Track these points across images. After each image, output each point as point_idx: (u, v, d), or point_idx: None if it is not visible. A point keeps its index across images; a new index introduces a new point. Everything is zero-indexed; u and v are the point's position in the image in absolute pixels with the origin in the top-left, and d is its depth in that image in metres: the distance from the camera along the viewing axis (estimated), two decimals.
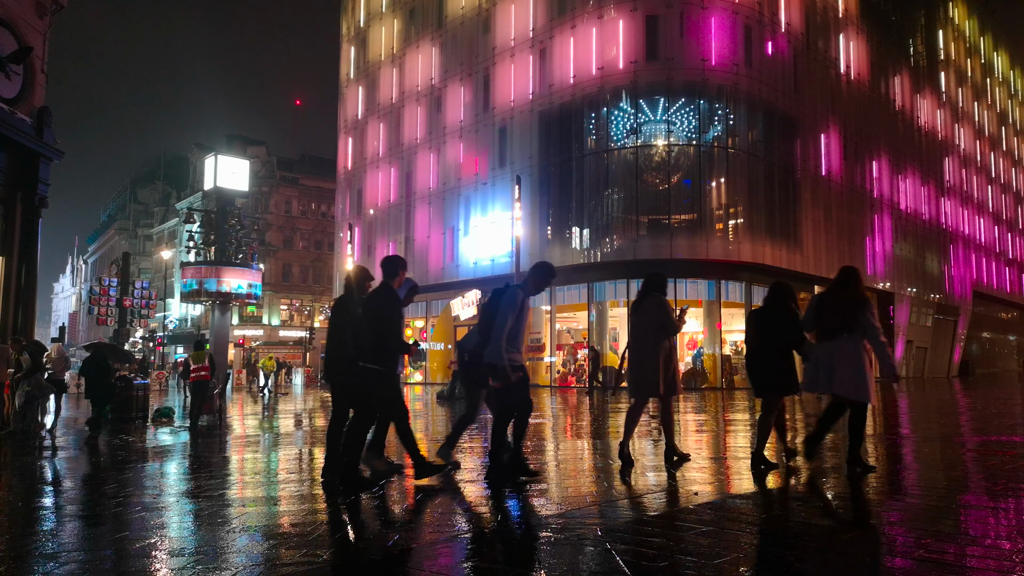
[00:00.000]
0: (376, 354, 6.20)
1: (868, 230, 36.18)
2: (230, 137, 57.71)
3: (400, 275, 6.55)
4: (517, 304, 6.11)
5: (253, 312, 55.60)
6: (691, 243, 27.21)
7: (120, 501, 6.02)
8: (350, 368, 6.26)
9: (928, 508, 5.29)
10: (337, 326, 6.48)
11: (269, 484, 6.87)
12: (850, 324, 6.17)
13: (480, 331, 6.41)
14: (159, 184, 77.61)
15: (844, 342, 6.18)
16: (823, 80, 33.39)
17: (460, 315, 33.67)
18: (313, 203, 60.59)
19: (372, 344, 6.18)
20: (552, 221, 30.49)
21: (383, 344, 6.21)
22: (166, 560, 4.03)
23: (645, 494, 5.78)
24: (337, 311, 6.61)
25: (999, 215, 55.30)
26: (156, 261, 67.28)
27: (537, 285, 6.35)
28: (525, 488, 5.89)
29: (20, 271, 16.37)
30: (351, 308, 6.41)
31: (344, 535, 4.65)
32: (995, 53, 57.43)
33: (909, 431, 10.47)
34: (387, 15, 41.44)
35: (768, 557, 3.95)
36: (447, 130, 36.17)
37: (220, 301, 18.70)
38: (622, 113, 28.63)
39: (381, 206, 40.25)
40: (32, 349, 12.26)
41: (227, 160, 25.00)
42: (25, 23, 16.46)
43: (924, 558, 3.84)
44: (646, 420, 13.53)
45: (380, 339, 6.20)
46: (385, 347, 6.22)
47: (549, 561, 3.82)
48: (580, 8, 30.32)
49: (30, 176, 16.49)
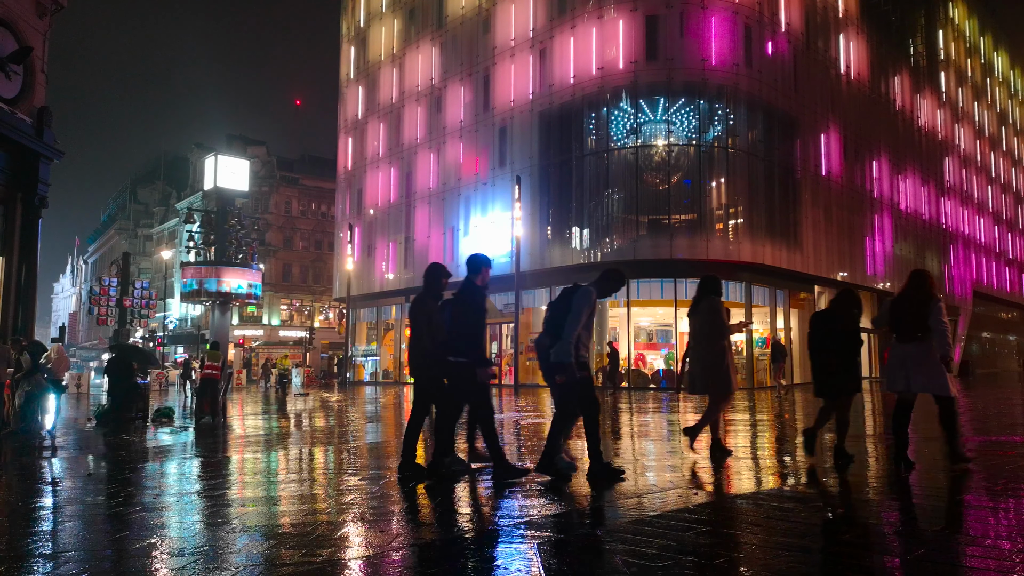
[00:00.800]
0: (462, 348, 6.35)
1: (868, 230, 36.18)
2: (230, 137, 57.71)
3: (483, 272, 6.70)
4: (590, 302, 6.18)
5: (253, 312, 55.60)
6: (691, 243, 27.20)
7: (120, 501, 6.02)
8: (429, 363, 6.43)
9: (928, 508, 5.29)
10: (415, 323, 6.62)
11: (270, 484, 6.87)
12: (923, 325, 6.45)
13: (548, 330, 6.48)
14: (159, 184, 77.61)
15: (918, 342, 6.47)
16: (823, 80, 33.39)
17: None
18: (313, 203, 60.58)
19: (459, 339, 6.36)
20: (552, 221, 30.49)
21: (469, 339, 6.37)
22: (166, 560, 4.03)
23: (645, 494, 5.78)
24: (415, 308, 6.69)
25: (999, 215, 55.31)
26: (156, 261, 67.29)
27: (605, 290, 6.44)
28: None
29: (20, 271, 16.37)
30: (428, 305, 6.56)
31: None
32: (995, 53, 57.44)
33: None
34: (387, 15, 41.45)
35: (768, 557, 3.95)
36: (447, 130, 36.17)
37: (220, 301, 18.70)
38: (622, 113, 28.63)
39: (381, 206, 40.25)
40: (32, 349, 12.26)
41: (227, 160, 25.00)
42: (25, 23, 16.46)
43: (924, 558, 3.84)
44: (646, 420, 13.53)
45: (466, 334, 6.37)
46: (471, 342, 6.38)
47: (548, 561, 3.82)
48: (580, 8, 30.32)
49: (30, 176, 16.48)
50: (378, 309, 40.59)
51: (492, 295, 32.34)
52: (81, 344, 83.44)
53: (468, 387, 6.48)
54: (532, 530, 4.51)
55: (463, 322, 6.45)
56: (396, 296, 38.67)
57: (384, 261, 39.78)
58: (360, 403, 20.35)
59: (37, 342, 13.22)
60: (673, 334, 28.17)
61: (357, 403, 20.46)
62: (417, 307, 6.65)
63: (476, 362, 6.37)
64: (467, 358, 6.35)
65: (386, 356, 40.12)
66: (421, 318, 6.56)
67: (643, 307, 28.77)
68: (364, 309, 41.52)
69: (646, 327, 30.40)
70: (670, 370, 27.35)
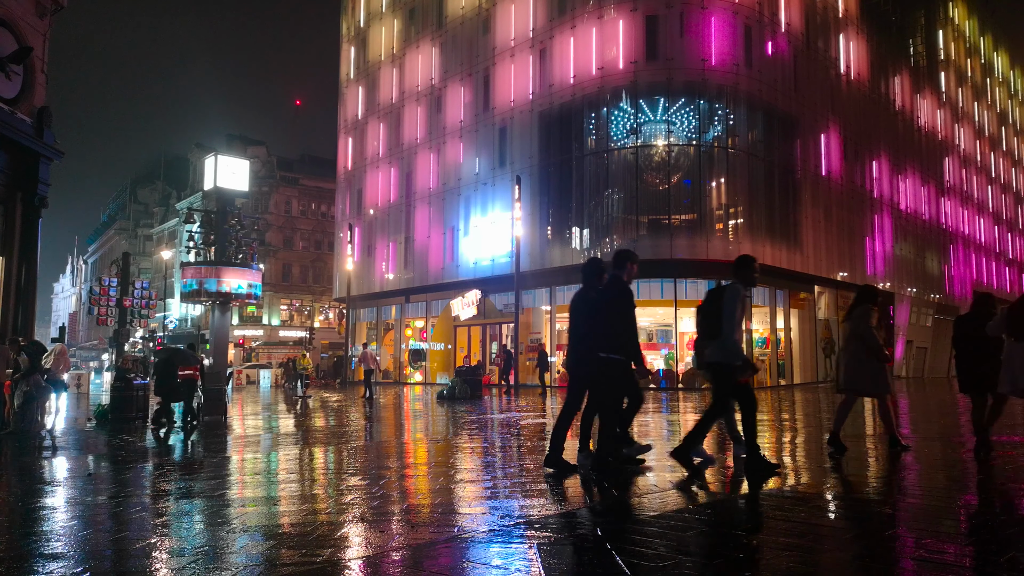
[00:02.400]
0: (614, 344, 6.47)
1: (868, 230, 36.18)
2: (230, 137, 57.69)
3: (628, 267, 6.81)
4: (740, 298, 6.36)
5: (253, 312, 55.60)
6: (691, 243, 27.19)
7: (120, 501, 6.02)
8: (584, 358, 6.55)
9: (928, 508, 5.29)
10: (576, 318, 6.72)
11: (270, 484, 6.87)
12: None
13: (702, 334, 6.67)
14: (159, 184, 77.61)
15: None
16: (823, 80, 33.39)
17: (460, 315, 33.67)
18: (313, 203, 60.59)
19: (610, 335, 6.48)
20: (552, 221, 30.48)
21: (620, 335, 6.49)
22: (166, 560, 4.03)
23: (645, 494, 5.78)
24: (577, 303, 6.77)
25: (999, 215, 55.29)
26: (156, 261, 67.29)
27: (748, 279, 6.62)
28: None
29: (20, 271, 16.37)
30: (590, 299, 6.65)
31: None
32: (995, 53, 57.43)
33: (909, 431, 10.46)
34: (387, 15, 41.45)
35: (768, 557, 3.95)
36: (447, 130, 36.17)
37: (220, 301, 18.64)
38: (622, 113, 28.63)
39: (381, 206, 40.25)
40: (32, 349, 12.27)
41: (227, 160, 24.93)
42: (25, 23, 16.45)
43: (924, 558, 3.84)
44: (646, 420, 13.53)
45: (618, 331, 6.50)
46: (622, 338, 6.49)
47: (548, 561, 3.82)
48: (580, 8, 30.32)
49: (30, 176, 16.48)
50: (378, 309, 40.58)
51: (492, 295, 32.39)
52: (81, 344, 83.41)
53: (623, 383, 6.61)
54: (532, 530, 4.51)
55: (614, 319, 6.54)
56: (396, 296, 38.67)
57: (384, 261, 39.78)
58: (385, 406, 20.34)
59: (37, 342, 13.22)
60: (673, 334, 28.16)
61: (375, 406, 20.45)
62: (579, 302, 6.73)
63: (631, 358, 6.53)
64: (621, 355, 6.49)
65: (386, 356, 40.11)
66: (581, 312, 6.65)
67: (643, 307, 28.52)
68: (364, 309, 41.52)
69: (646, 327, 30.38)
70: (670, 370, 27.35)
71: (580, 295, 6.77)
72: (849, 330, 7.81)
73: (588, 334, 6.54)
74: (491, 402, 19.83)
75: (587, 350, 6.54)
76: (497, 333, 33.25)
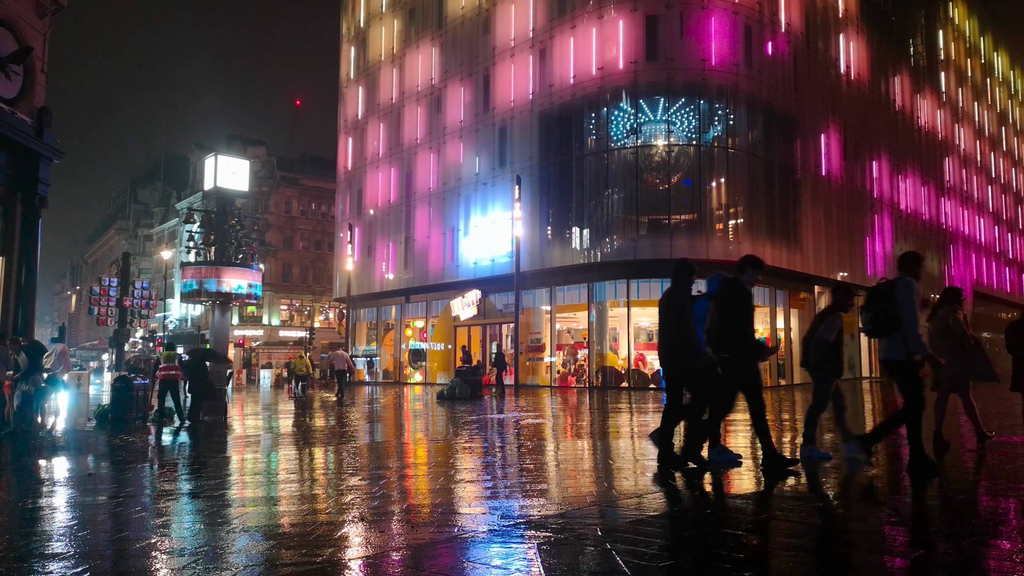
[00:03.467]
0: (729, 344, 6.59)
1: (868, 230, 36.17)
2: (230, 137, 57.66)
3: (748, 273, 6.89)
4: (915, 291, 6.54)
5: (253, 312, 55.57)
6: (691, 243, 27.17)
7: (120, 501, 6.02)
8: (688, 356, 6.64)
9: (928, 508, 5.29)
10: (669, 317, 6.79)
11: (270, 484, 6.87)
12: None
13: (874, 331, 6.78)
14: (159, 184, 77.59)
15: None
16: (823, 80, 33.38)
17: (460, 315, 33.66)
18: (313, 203, 60.58)
19: (725, 334, 6.61)
20: (552, 221, 30.47)
21: (737, 334, 6.60)
22: (166, 560, 4.03)
23: (645, 494, 5.78)
24: (669, 303, 6.83)
25: (999, 215, 55.29)
26: (156, 261, 67.27)
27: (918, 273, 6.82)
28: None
29: (20, 271, 16.36)
30: (683, 299, 6.75)
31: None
32: (995, 53, 57.43)
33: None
34: (387, 15, 41.44)
35: (767, 557, 3.95)
36: (447, 130, 36.17)
37: (220, 301, 18.65)
38: (622, 113, 28.62)
39: (381, 206, 40.25)
40: (32, 349, 12.26)
41: (227, 160, 24.93)
42: (25, 23, 16.45)
43: (924, 558, 3.84)
44: (646, 420, 13.54)
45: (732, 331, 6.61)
46: (739, 337, 6.60)
47: (548, 561, 3.82)
48: (580, 8, 30.31)
49: (30, 176, 16.47)
50: (378, 309, 40.58)
51: (492, 295, 32.39)
52: (81, 344, 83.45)
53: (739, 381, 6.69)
54: (532, 530, 4.51)
55: (728, 319, 6.64)
56: (396, 296, 38.67)
57: (384, 261, 39.77)
58: (385, 406, 20.34)
59: (37, 342, 13.22)
60: None
61: (386, 407, 20.45)
62: (670, 301, 6.81)
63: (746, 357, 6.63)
64: (733, 354, 6.58)
65: (386, 356, 40.12)
66: (673, 311, 6.74)
67: (643, 307, 28.74)
68: (364, 309, 41.51)
69: (646, 327, 30.38)
70: None
71: (667, 295, 6.90)
72: (938, 329, 8.05)
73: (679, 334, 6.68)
74: (491, 402, 19.83)
75: (681, 349, 6.67)
76: (497, 333, 33.25)
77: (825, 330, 7.32)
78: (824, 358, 7.30)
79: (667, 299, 6.86)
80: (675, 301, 6.77)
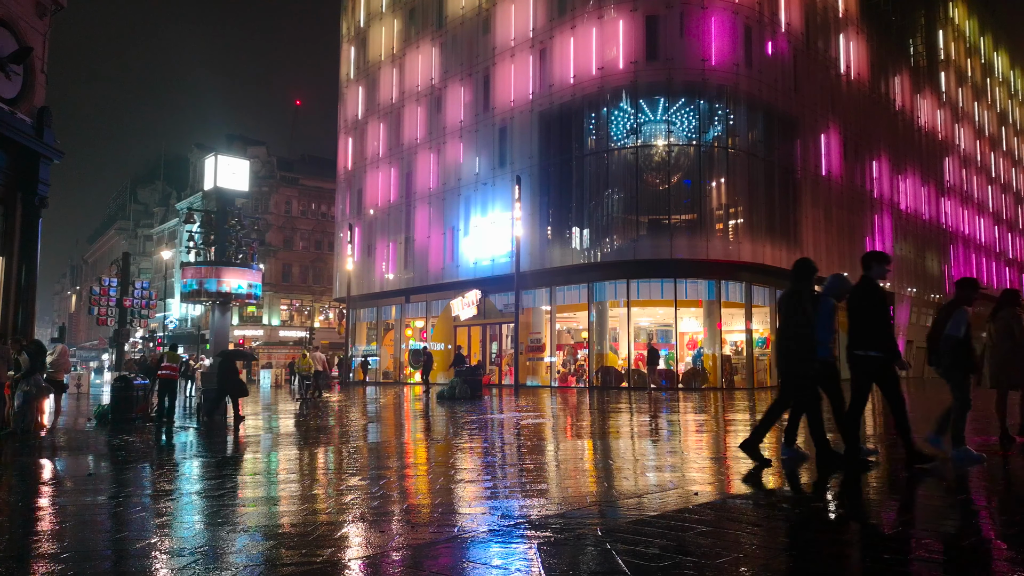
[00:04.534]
0: (872, 341, 6.61)
1: (868, 230, 36.17)
2: (230, 137, 57.64)
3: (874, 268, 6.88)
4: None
5: (253, 312, 55.59)
6: (691, 243, 27.18)
7: (120, 501, 6.02)
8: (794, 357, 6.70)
9: (928, 508, 5.29)
10: (789, 316, 6.80)
11: (269, 484, 6.87)
12: None
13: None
14: (159, 184, 77.60)
15: None
16: (823, 80, 33.38)
17: (460, 315, 33.66)
18: (313, 203, 60.59)
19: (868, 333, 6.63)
20: (552, 221, 30.47)
21: (879, 332, 6.62)
22: (166, 560, 4.03)
23: (645, 494, 5.78)
24: (790, 303, 6.83)
25: (999, 215, 55.28)
26: (156, 261, 67.28)
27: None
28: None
29: (20, 271, 16.35)
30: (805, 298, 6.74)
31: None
32: (995, 53, 57.42)
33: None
34: (387, 15, 41.44)
35: (768, 557, 3.95)
36: (447, 130, 36.16)
37: (220, 301, 18.70)
38: (622, 113, 28.62)
39: (381, 206, 40.25)
40: (33, 349, 12.26)
41: (227, 160, 24.98)
42: (25, 23, 16.45)
43: (924, 558, 3.84)
44: (646, 420, 13.53)
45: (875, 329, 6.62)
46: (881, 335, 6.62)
47: (548, 561, 3.82)
48: (580, 8, 30.30)
49: (30, 176, 16.46)
50: (378, 309, 40.57)
51: (492, 295, 32.39)
52: (81, 344, 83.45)
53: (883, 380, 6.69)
54: (532, 530, 4.51)
55: (868, 316, 6.65)
56: (396, 296, 38.67)
57: (384, 261, 39.77)
58: (385, 406, 20.33)
59: (37, 342, 13.21)
60: (673, 334, 28.16)
61: (385, 407, 20.44)
62: (793, 301, 6.80)
63: (889, 356, 6.63)
64: (878, 352, 6.61)
65: (386, 356, 40.11)
66: (791, 311, 6.76)
67: (643, 307, 28.76)
68: (364, 309, 41.51)
69: (646, 327, 30.39)
70: (670, 370, 27.35)
71: (786, 295, 6.93)
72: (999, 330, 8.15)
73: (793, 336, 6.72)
74: (491, 402, 19.83)
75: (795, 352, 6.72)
76: (497, 333, 33.25)
77: (953, 326, 7.21)
78: (956, 355, 7.20)
79: (786, 299, 6.89)
80: (794, 301, 6.78)
